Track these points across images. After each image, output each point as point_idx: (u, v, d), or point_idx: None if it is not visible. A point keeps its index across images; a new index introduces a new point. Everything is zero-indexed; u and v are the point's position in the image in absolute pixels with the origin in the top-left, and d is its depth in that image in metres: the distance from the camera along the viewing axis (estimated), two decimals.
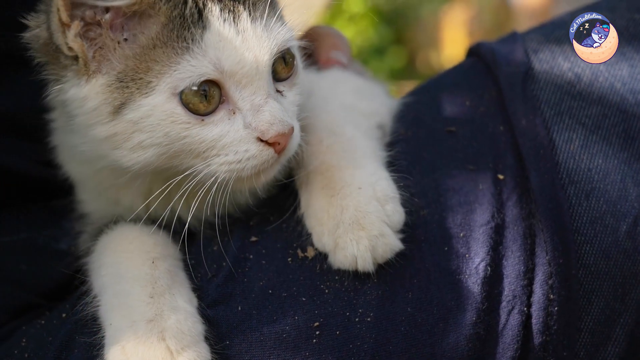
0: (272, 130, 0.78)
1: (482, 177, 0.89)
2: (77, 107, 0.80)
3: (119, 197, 0.90)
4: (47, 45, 0.80)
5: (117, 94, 0.77)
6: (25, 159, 0.96)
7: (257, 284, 0.83)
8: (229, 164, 0.79)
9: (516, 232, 0.85)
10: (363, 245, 0.80)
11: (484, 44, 1.02)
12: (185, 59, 0.76)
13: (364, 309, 0.81)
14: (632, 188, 0.89)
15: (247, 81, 0.79)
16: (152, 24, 0.78)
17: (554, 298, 0.83)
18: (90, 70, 0.78)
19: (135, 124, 0.77)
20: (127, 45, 0.78)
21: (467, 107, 0.95)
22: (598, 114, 0.92)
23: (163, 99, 0.77)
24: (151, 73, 0.77)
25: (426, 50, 6.04)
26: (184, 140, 0.78)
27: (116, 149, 0.79)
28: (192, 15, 0.77)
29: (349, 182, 0.84)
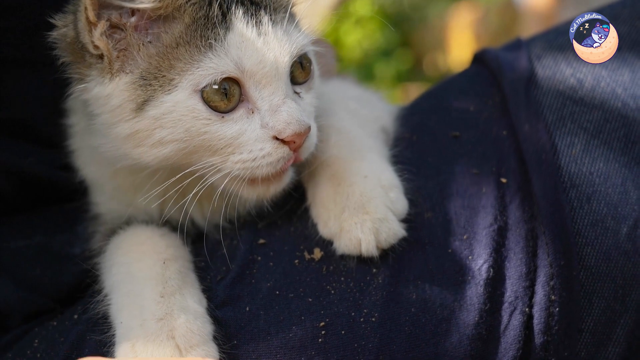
0: (288, 129, 0.81)
1: (485, 181, 0.90)
2: (101, 105, 0.82)
3: (134, 199, 0.92)
4: (73, 44, 0.83)
5: (141, 92, 0.80)
6: (39, 163, 0.98)
7: (264, 285, 0.84)
8: (243, 162, 0.81)
9: (518, 235, 0.87)
10: (367, 228, 0.83)
11: (489, 51, 1.03)
12: (208, 57, 0.80)
13: (368, 310, 0.82)
14: (633, 191, 0.90)
15: (267, 81, 0.82)
16: (177, 24, 0.81)
17: (556, 299, 0.85)
18: (114, 69, 0.81)
19: (157, 120, 0.80)
20: (151, 45, 0.81)
21: (472, 112, 0.97)
22: (599, 119, 0.93)
23: (185, 95, 0.79)
24: (174, 71, 0.80)
25: (433, 52, 6.05)
26: (204, 136, 0.80)
27: (137, 147, 0.82)
28: (217, 16, 0.81)
29: (355, 172, 0.87)
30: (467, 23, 5.83)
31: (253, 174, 0.82)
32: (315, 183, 0.89)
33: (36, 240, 0.95)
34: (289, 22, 0.85)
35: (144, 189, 0.89)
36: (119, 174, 0.91)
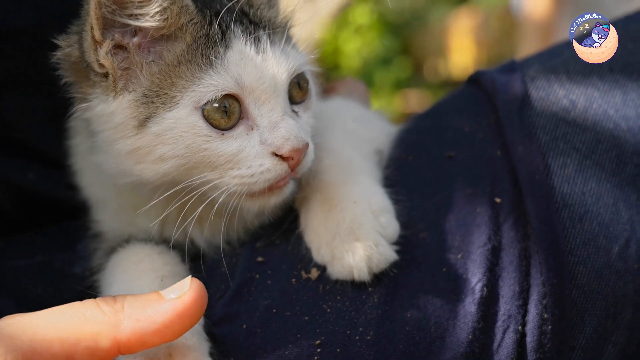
0: (287, 145, 0.83)
1: (480, 201, 0.92)
2: (103, 123, 0.84)
3: (135, 218, 0.93)
4: (78, 64, 0.84)
5: (143, 109, 0.82)
6: (39, 180, 1.00)
7: (262, 303, 0.86)
8: (241, 177, 0.83)
9: (512, 254, 0.88)
10: (359, 256, 0.84)
11: (484, 72, 1.05)
12: (209, 74, 0.82)
13: (364, 328, 0.84)
14: (624, 211, 0.91)
15: (266, 97, 0.84)
16: (178, 43, 0.83)
17: (548, 317, 0.86)
18: (118, 87, 0.83)
19: (158, 136, 0.82)
20: (153, 63, 0.83)
21: (467, 133, 0.99)
22: (592, 140, 0.94)
23: (186, 112, 0.81)
24: (175, 88, 0.82)
25: (433, 58, 6.06)
26: (204, 152, 0.82)
27: (138, 163, 0.84)
28: (217, 35, 0.83)
29: (345, 197, 0.88)
30: (467, 28, 5.85)
31: (250, 189, 0.84)
32: (307, 208, 0.90)
33: (37, 259, 0.96)
34: (286, 42, 0.88)
35: (145, 209, 0.90)
36: (121, 193, 0.93)
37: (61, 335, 0.67)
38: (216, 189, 0.84)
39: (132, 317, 0.69)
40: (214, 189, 0.84)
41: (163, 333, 0.70)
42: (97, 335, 0.68)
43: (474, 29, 5.83)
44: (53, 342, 0.67)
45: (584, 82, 0.98)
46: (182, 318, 0.70)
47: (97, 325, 0.68)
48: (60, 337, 0.67)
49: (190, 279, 0.72)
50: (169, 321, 0.70)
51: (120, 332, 0.68)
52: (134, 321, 0.69)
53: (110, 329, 0.68)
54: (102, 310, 0.69)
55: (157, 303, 0.70)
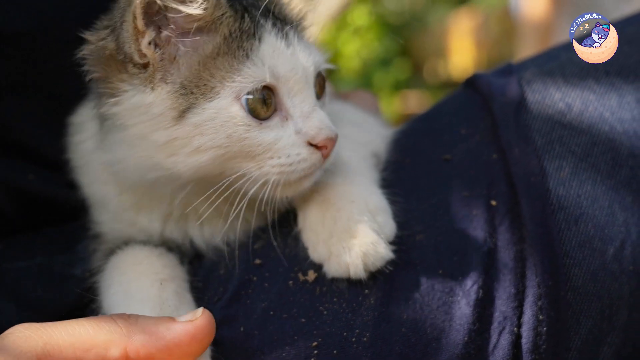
0: (321, 134, 0.86)
1: (475, 203, 0.92)
2: (140, 115, 0.84)
3: (137, 219, 0.94)
4: (112, 57, 0.85)
5: (183, 100, 0.83)
6: (39, 181, 1.00)
7: (259, 305, 0.87)
8: (281, 166, 0.85)
9: (507, 256, 0.89)
10: (355, 253, 0.85)
11: (481, 75, 1.06)
12: (247, 66, 0.84)
13: (360, 330, 0.84)
14: (619, 213, 0.92)
15: (298, 89, 0.86)
16: (215, 35, 0.85)
17: (543, 319, 0.86)
18: (156, 77, 0.84)
19: (197, 127, 0.83)
20: (191, 55, 0.84)
21: (463, 135, 0.99)
22: (587, 142, 0.95)
23: (227, 102, 0.83)
24: (214, 79, 0.83)
25: (433, 59, 6.07)
26: (244, 142, 0.83)
27: (172, 156, 0.84)
28: (249, 28, 0.85)
29: (343, 197, 0.89)
30: (467, 29, 5.85)
31: (288, 178, 0.86)
32: (305, 208, 0.91)
33: (37, 261, 0.97)
34: (307, 39, 0.92)
35: (148, 210, 0.93)
36: (124, 192, 0.93)
37: (74, 341, 0.69)
38: (253, 182, 0.85)
39: (144, 331, 0.72)
40: (250, 182, 0.85)
41: (171, 351, 0.73)
42: (109, 343, 0.70)
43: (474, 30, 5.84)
44: (66, 346, 0.69)
45: (580, 85, 0.99)
46: (191, 340, 0.74)
47: (110, 334, 0.71)
48: (73, 343, 0.69)
49: (201, 309, 0.76)
50: (179, 340, 0.73)
51: (131, 344, 0.71)
52: (145, 335, 0.72)
53: (121, 338, 0.71)
54: (116, 322, 0.72)
55: (169, 323, 0.74)
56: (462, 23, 5.90)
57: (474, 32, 5.82)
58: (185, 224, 0.93)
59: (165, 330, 0.73)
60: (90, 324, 0.71)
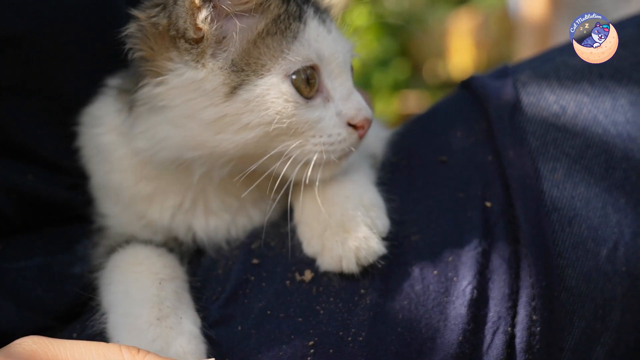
0: (360, 115, 0.90)
1: (471, 205, 0.93)
2: (190, 92, 0.86)
3: (148, 210, 0.96)
4: (161, 34, 0.87)
5: (235, 76, 0.86)
6: (38, 181, 1.01)
7: (256, 305, 0.88)
8: (323, 144, 0.88)
9: (502, 257, 0.90)
10: (347, 247, 0.87)
11: (476, 78, 1.07)
12: (295, 46, 0.87)
13: (356, 329, 0.85)
14: (613, 214, 0.93)
15: (339, 72, 0.91)
16: (265, 16, 0.88)
17: (537, 319, 0.87)
18: (207, 54, 0.86)
19: (248, 103, 0.85)
20: (243, 33, 0.87)
21: (459, 137, 1.00)
22: (581, 145, 0.96)
23: (278, 79, 0.86)
24: (265, 57, 0.87)
25: (433, 59, 6.07)
26: (292, 118, 0.86)
27: (219, 133, 0.86)
28: (295, 12, 0.89)
29: (338, 193, 0.92)
30: (467, 30, 5.85)
31: (328, 157, 0.89)
32: (301, 204, 0.93)
33: (37, 260, 0.97)
34: None
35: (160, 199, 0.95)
36: (142, 181, 0.95)
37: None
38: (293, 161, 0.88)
39: None
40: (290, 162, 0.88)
41: None
42: None
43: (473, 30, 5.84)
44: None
45: (574, 88, 1.00)
46: None
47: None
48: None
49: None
50: None
51: None
52: None
53: None
54: (123, 356, 0.73)
55: None
56: (461, 23, 5.90)
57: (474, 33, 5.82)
58: (192, 216, 0.95)
59: None
60: (98, 351, 0.72)
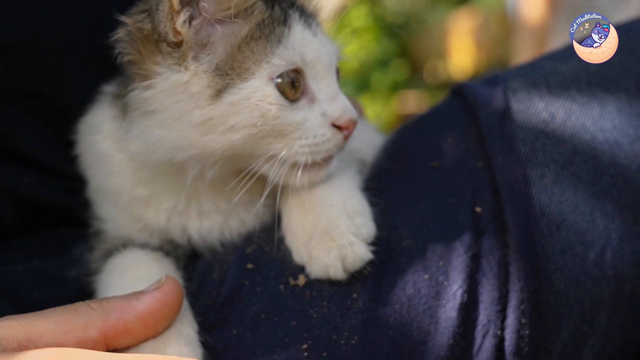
0: (345, 116, 0.92)
1: (461, 210, 0.95)
2: (177, 94, 0.88)
3: (145, 213, 0.98)
4: (147, 39, 0.89)
5: (219, 79, 0.88)
6: (34, 184, 1.03)
7: (251, 309, 0.90)
8: (309, 145, 0.90)
9: (492, 261, 0.91)
10: (333, 254, 0.89)
11: (467, 85, 1.09)
12: (280, 49, 0.89)
13: (349, 332, 0.87)
14: (600, 219, 0.95)
15: (324, 74, 0.93)
16: (249, 21, 0.90)
17: (526, 322, 0.89)
18: (189, 57, 0.88)
19: (233, 106, 0.88)
20: (226, 38, 0.89)
21: (450, 144, 1.02)
22: (569, 151, 0.98)
23: (262, 82, 0.88)
24: (249, 61, 0.89)
25: (433, 59, 6.08)
26: (277, 120, 0.88)
27: (207, 134, 0.89)
28: (279, 17, 0.91)
29: (322, 201, 0.94)
30: (467, 30, 5.86)
31: (313, 158, 0.91)
32: (288, 212, 0.95)
33: (33, 264, 0.99)
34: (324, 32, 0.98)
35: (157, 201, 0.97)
36: (140, 184, 0.97)
37: (52, 327, 0.74)
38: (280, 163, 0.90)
39: (117, 308, 0.77)
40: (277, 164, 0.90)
41: (145, 320, 0.78)
42: (86, 325, 0.75)
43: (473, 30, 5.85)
44: (46, 332, 0.73)
45: (563, 95, 1.02)
46: (162, 305, 0.79)
47: (86, 317, 0.75)
48: (52, 329, 0.73)
49: (165, 275, 0.81)
50: (150, 308, 0.78)
51: (106, 321, 0.76)
52: (118, 311, 0.77)
53: (97, 318, 0.75)
54: (90, 306, 0.77)
55: (139, 295, 0.79)
56: (461, 24, 5.91)
57: (474, 33, 5.83)
58: (186, 218, 0.98)
59: (136, 302, 0.78)
60: (68, 310, 0.76)
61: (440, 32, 6.07)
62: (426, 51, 6.13)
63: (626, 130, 0.99)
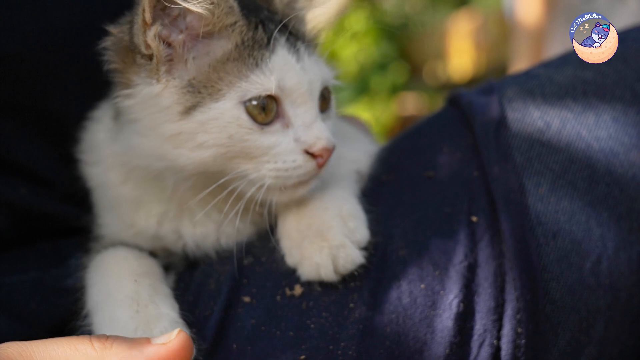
0: (319, 144, 0.91)
1: (457, 219, 0.95)
2: (149, 106, 0.90)
3: (136, 217, 0.99)
4: (126, 48, 0.91)
5: (190, 97, 0.89)
6: (31, 195, 1.03)
7: (249, 322, 0.90)
8: (277, 170, 0.90)
9: (487, 271, 0.92)
10: (324, 254, 0.89)
11: (463, 94, 1.09)
12: (255, 74, 0.89)
13: (346, 343, 0.88)
14: (596, 228, 0.95)
15: (302, 101, 0.92)
16: (227, 42, 0.90)
17: (522, 332, 0.89)
18: (160, 71, 0.89)
19: (202, 124, 0.88)
20: (201, 56, 0.90)
21: (445, 153, 1.02)
22: (565, 160, 0.98)
23: (232, 105, 0.88)
24: (222, 82, 0.89)
25: (432, 61, 6.08)
26: (245, 143, 0.89)
27: (177, 148, 0.90)
28: (262, 39, 0.91)
29: (317, 205, 0.95)
30: (466, 32, 5.86)
31: (284, 183, 0.91)
32: (284, 217, 0.96)
33: (30, 275, 0.99)
34: (318, 56, 0.97)
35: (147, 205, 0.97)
36: (128, 182, 0.98)
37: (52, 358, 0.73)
38: (251, 183, 0.90)
39: (118, 356, 0.74)
40: (250, 184, 0.90)
41: None
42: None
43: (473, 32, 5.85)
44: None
45: (559, 104, 1.02)
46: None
47: (85, 357, 0.74)
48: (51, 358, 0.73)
49: (177, 330, 0.76)
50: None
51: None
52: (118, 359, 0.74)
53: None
54: (93, 346, 0.75)
55: (143, 346, 0.75)
56: (460, 25, 5.91)
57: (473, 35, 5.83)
58: (179, 224, 0.98)
59: (138, 354, 0.74)
60: (69, 345, 0.75)
61: (439, 35, 6.07)
62: (425, 53, 6.13)
63: (621, 139, 0.99)
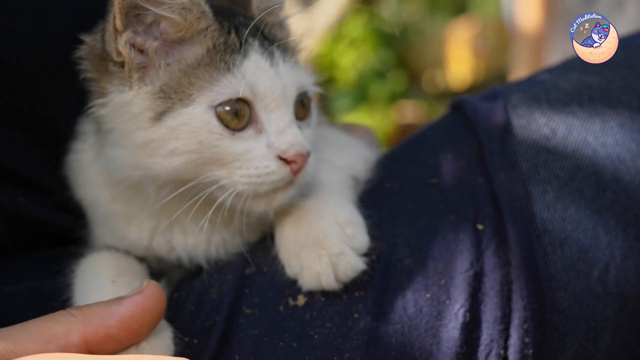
0: (292, 149, 0.89)
1: (462, 227, 0.94)
2: (121, 114, 0.89)
3: (128, 231, 0.97)
4: (99, 56, 0.90)
5: (160, 102, 0.87)
6: (29, 204, 1.02)
7: (251, 333, 0.88)
8: (249, 176, 0.88)
9: (494, 280, 0.90)
10: (324, 262, 0.88)
11: (466, 100, 1.08)
12: (226, 78, 0.88)
13: (350, 354, 0.86)
14: (603, 236, 0.94)
15: (275, 106, 0.90)
16: (198, 47, 0.89)
17: (529, 341, 0.88)
18: (133, 78, 0.88)
19: (173, 130, 0.87)
20: (173, 62, 0.89)
21: (450, 160, 1.01)
22: (571, 167, 0.97)
23: (202, 109, 0.87)
24: (193, 87, 0.88)
25: (431, 68, 6.09)
26: (215, 149, 0.87)
27: (150, 156, 0.88)
28: (235, 44, 0.90)
29: (313, 213, 0.93)
30: (465, 39, 5.89)
31: (257, 190, 0.89)
32: (281, 227, 0.95)
33: (27, 284, 0.98)
34: (295, 61, 0.95)
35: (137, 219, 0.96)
36: (117, 200, 0.97)
37: (34, 337, 0.73)
38: (224, 189, 0.89)
39: (98, 314, 0.76)
40: (222, 190, 0.89)
41: (127, 325, 0.76)
42: (68, 332, 0.74)
43: (471, 39, 5.87)
44: (27, 342, 0.72)
45: (564, 111, 1.01)
46: (143, 309, 0.77)
47: (67, 324, 0.74)
48: (33, 339, 0.73)
49: (146, 280, 0.79)
50: (131, 312, 0.76)
51: (87, 327, 0.74)
52: (99, 317, 0.75)
53: (79, 325, 0.74)
54: (72, 313, 0.76)
55: (120, 299, 0.77)
56: (459, 33, 5.93)
57: (472, 42, 5.85)
58: (171, 236, 0.96)
59: (117, 306, 0.76)
60: (48, 319, 0.75)
61: (438, 42, 6.09)
62: (424, 61, 6.15)
63: (628, 145, 0.98)
